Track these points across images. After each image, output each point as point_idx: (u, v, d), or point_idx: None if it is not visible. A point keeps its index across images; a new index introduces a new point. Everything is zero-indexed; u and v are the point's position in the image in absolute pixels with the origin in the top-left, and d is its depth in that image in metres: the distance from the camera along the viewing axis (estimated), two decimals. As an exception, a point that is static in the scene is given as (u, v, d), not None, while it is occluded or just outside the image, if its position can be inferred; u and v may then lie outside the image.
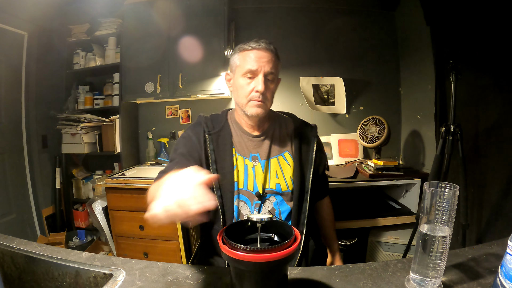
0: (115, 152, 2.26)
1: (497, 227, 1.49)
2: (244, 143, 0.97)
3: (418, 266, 0.55)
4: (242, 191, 0.93)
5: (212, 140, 0.94)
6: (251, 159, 0.96)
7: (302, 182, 0.96)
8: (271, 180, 0.96)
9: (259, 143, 0.98)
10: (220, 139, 0.96)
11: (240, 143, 0.97)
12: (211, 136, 0.95)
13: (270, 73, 0.91)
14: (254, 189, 0.94)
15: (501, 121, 1.48)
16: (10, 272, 0.75)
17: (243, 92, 0.92)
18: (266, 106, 0.93)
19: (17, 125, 2.18)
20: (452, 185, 0.52)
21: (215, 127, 0.97)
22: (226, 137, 0.96)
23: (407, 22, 2.20)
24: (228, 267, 0.88)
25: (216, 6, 2.03)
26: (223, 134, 0.97)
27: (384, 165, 1.87)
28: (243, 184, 0.93)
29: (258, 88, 0.89)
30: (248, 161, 0.95)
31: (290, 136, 1.02)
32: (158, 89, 2.10)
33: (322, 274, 0.63)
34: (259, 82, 0.89)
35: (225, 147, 0.95)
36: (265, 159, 0.96)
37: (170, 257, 1.79)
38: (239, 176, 0.93)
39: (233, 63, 0.96)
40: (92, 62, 2.33)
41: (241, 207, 0.93)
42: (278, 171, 0.97)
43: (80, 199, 2.45)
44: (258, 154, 0.97)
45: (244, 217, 0.93)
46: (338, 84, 2.26)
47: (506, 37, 1.42)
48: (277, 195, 0.96)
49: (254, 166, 0.95)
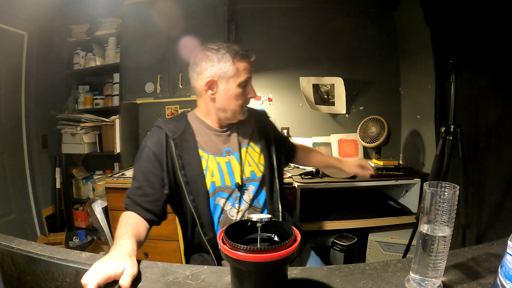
0: (115, 152, 2.26)
1: (497, 227, 1.49)
2: (212, 141, 0.98)
3: (418, 266, 0.55)
4: (221, 188, 0.94)
5: (177, 145, 0.92)
6: (225, 153, 0.98)
7: (270, 163, 1.03)
8: (246, 169, 0.99)
9: (227, 137, 1.01)
10: (184, 142, 0.93)
11: (207, 142, 0.97)
12: (175, 141, 0.92)
13: None
14: (232, 182, 0.95)
15: (501, 121, 1.48)
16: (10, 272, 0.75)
17: (239, 100, 0.95)
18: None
19: (17, 125, 2.18)
20: (452, 185, 0.52)
21: (177, 131, 0.94)
22: (190, 139, 0.95)
23: (407, 22, 2.20)
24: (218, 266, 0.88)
25: (216, 6, 2.03)
26: (186, 137, 0.94)
27: (384, 165, 1.87)
28: (220, 181, 0.94)
29: (253, 96, 0.98)
30: (219, 158, 0.96)
31: (249, 125, 1.07)
32: (158, 89, 2.10)
33: (322, 274, 0.63)
34: (252, 90, 0.98)
35: (190, 150, 0.93)
36: (238, 151, 1.00)
37: (170, 257, 1.79)
38: (214, 175, 0.94)
39: (223, 71, 0.91)
40: (92, 62, 2.33)
41: (223, 204, 0.94)
42: (249, 160, 1.01)
43: (80, 199, 2.45)
44: (230, 148, 1.00)
45: (227, 213, 0.94)
46: (338, 84, 2.27)
47: (506, 37, 1.42)
48: (255, 182, 0.99)
49: (230, 160, 0.97)
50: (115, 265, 0.62)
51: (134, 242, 0.74)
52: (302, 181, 1.78)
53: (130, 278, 0.61)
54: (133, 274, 0.62)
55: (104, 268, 0.60)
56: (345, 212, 1.90)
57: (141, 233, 0.83)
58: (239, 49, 0.92)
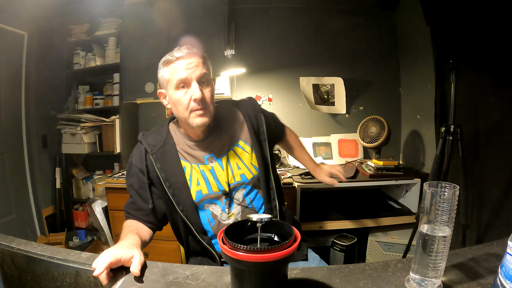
0: (115, 152, 2.26)
1: (497, 227, 1.49)
2: (193, 149, 0.94)
3: (418, 266, 0.55)
4: (209, 195, 0.92)
5: (158, 159, 0.91)
6: (207, 161, 0.94)
7: (264, 161, 0.97)
8: (235, 173, 0.94)
9: (209, 144, 0.94)
10: (166, 155, 0.92)
11: (188, 152, 0.94)
12: (155, 155, 0.91)
13: (202, 76, 0.86)
14: (220, 188, 0.93)
15: (501, 121, 1.48)
16: (10, 272, 0.75)
17: (182, 105, 0.86)
18: (209, 112, 0.88)
19: (17, 125, 2.18)
20: (452, 185, 0.52)
21: (157, 143, 0.93)
22: (171, 151, 0.93)
23: (407, 22, 2.20)
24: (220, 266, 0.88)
25: (216, 6, 2.03)
26: (166, 149, 0.93)
27: (384, 165, 1.87)
28: (206, 189, 0.92)
29: (195, 96, 0.84)
30: (202, 166, 0.93)
31: (238, 122, 0.99)
32: (158, 89, 2.10)
33: (322, 274, 0.63)
34: (194, 90, 0.84)
35: (172, 162, 0.91)
36: (221, 156, 0.94)
37: (170, 257, 1.79)
38: (200, 184, 0.92)
39: (162, 79, 0.90)
40: (92, 62, 2.33)
41: (213, 210, 0.93)
42: (238, 162, 0.95)
43: (80, 199, 2.45)
44: (212, 154, 0.94)
45: (218, 218, 0.94)
46: (338, 84, 2.27)
47: (506, 37, 1.42)
48: (245, 185, 0.95)
49: (213, 167, 0.93)
50: (125, 251, 0.67)
51: (139, 237, 0.80)
52: (302, 181, 1.78)
53: (140, 265, 0.66)
54: (141, 262, 0.67)
55: (115, 251, 0.66)
56: (345, 212, 1.90)
57: (145, 234, 0.89)
58: (170, 52, 0.88)
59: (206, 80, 0.88)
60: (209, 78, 0.89)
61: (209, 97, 0.88)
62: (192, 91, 0.85)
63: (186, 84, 0.85)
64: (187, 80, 0.85)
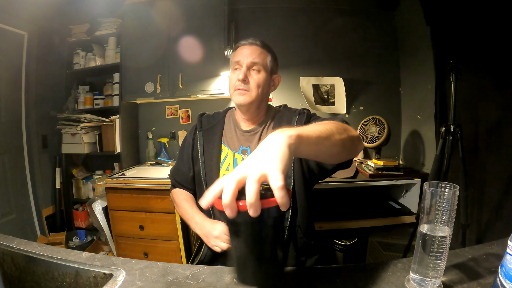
0: (115, 152, 2.25)
1: (497, 227, 1.49)
2: (236, 137, 1.00)
3: (418, 266, 0.55)
4: None
5: (203, 136, 1.02)
6: (240, 152, 0.98)
7: (302, 175, 0.90)
8: None
9: (250, 137, 0.99)
10: (211, 134, 1.01)
11: (231, 138, 1.01)
12: (201, 132, 1.02)
13: (253, 63, 0.95)
14: None
15: (501, 121, 1.49)
16: (10, 272, 0.75)
17: (231, 83, 0.98)
18: (250, 95, 0.95)
19: (17, 125, 2.18)
20: (452, 185, 0.52)
21: (210, 123, 1.04)
22: (216, 131, 1.02)
23: (407, 22, 2.20)
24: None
25: (216, 6, 2.03)
26: (214, 130, 1.02)
27: (384, 165, 1.87)
28: None
29: (239, 77, 0.94)
30: (237, 154, 0.98)
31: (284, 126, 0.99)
32: (158, 89, 2.10)
33: (322, 274, 0.63)
34: (241, 71, 0.94)
35: (214, 142, 0.99)
36: None
37: (170, 257, 1.79)
38: (229, 170, 0.95)
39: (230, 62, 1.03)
40: (92, 62, 2.33)
41: None
42: None
43: (80, 199, 2.45)
44: (248, 147, 0.98)
45: None
46: (338, 84, 2.26)
47: (506, 37, 1.42)
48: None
49: (244, 159, 0.96)
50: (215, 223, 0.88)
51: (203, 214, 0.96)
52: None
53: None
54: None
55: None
56: (345, 212, 1.90)
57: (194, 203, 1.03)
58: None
59: (257, 68, 0.97)
60: (261, 68, 0.97)
61: (255, 82, 0.95)
62: (239, 72, 0.95)
63: (239, 66, 0.96)
64: (240, 63, 0.96)
